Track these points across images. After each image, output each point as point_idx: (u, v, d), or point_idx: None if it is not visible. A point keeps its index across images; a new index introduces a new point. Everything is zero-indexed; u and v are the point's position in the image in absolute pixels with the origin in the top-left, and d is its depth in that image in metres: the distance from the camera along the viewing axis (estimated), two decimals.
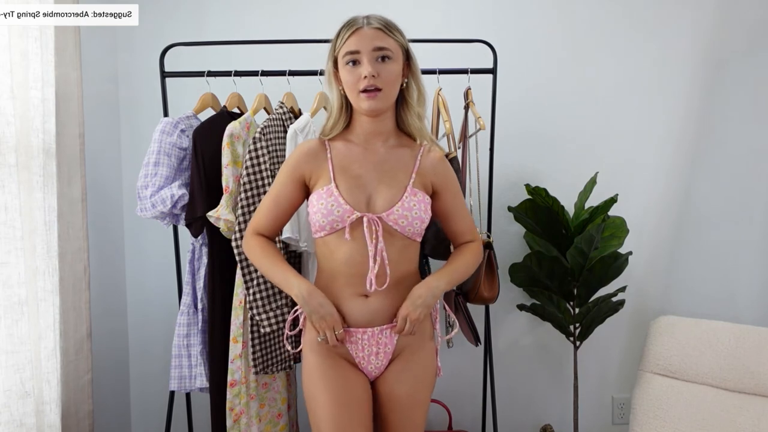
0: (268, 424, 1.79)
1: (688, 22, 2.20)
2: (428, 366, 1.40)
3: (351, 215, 1.28)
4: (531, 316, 2.30)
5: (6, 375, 1.44)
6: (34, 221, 1.51)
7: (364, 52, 1.27)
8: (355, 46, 1.27)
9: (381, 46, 1.27)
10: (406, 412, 1.36)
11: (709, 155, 2.24)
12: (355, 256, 1.30)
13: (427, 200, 1.35)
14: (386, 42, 1.28)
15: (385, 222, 1.30)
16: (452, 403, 2.21)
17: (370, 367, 1.37)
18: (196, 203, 1.69)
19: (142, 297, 2.30)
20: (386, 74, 1.28)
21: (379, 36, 1.27)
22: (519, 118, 2.21)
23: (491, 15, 2.22)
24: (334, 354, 1.36)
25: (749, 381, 1.85)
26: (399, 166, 1.36)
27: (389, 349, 1.36)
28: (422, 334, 1.39)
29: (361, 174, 1.33)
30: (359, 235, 1.29)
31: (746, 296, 2.28)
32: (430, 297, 1.33)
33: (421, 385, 1.38)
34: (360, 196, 1.31)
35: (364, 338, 1.34)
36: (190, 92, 1.89)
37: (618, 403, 2.36)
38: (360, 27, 1.27)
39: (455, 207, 1.44)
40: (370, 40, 1.26)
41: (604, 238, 2.04)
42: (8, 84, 1.41)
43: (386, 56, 1.28)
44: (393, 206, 1.30)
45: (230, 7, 2.21)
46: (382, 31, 1.27)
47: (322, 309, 1.30)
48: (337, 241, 1.31)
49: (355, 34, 1.27)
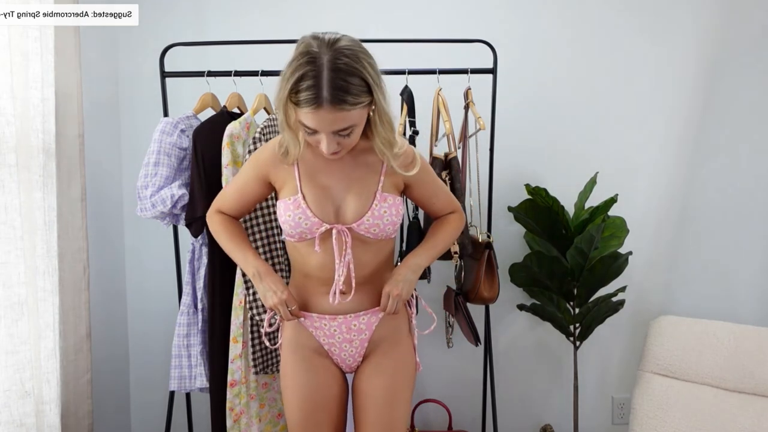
0: (268, 424, 1.79)
1: (689, 22, 2.20)
2: (406, 361, 1.39)
3: (320, 227, 1.26)
4: (531, 316, 2.30)
5: (6, 375, 1.44)
6: (33, 221, 1.51)
7: (324, 132, 1.13)
8: (312, 125, 1.12)
9: (341, 128, 1.13)
10: (385, 407, 1.34)
11: (709, 155, 2.24)
12: (326, 263, 1.30)
13: (398, 201, 1.31)
14: (347, 120, 1.11)
15: (355, 232, 1.28)
16: (452, 403, 2.21)
17: (344, 355, 1.38)
18: (196, 203, 1.69)
19: (142, 297, 2.30)
20: (348, 142, 1.18)
21: (339, 118, 1.10)
22: (519, 118, 2.21)
23: (491, 15, 2.22)
24: (309, 351, 1.37)
25: (749, 381, 1.86)
26: (366, 171, 1.30)
27: (365, 336, 1.36)
28: (399, 328, 1.39)
29: (329, 184, 1.29)
30: (330, 246, 1.28)
31: (746, 296, 2.28)
32: (410, 273, 1.34)
33: (400, 380, 1.37)
34: (328, 207, 1.28)
35: (334, 324, 1.34)
36: (190, 92, 1.89)
37: (618, 403, 2.36)
38: (319, 105, 1.08)
39: (430, 190, 1.41)
40: (330, 123, 1.11)
41: (604, 238, 2.04)
42: (8, 84, 1.41)
43: (348, 133, 1.15)
44: (363, 216, 1.27)
45: (230, 7, 2.21)
46: (342, 110, 1.09)
47: (273, 285, 1.31)
48: (309, 249, 1.30)
49: (313, 113, 1.09)
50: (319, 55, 1.07)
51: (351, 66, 1.08)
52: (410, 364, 1.40)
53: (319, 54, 1.07)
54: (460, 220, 1.47)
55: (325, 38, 1.10)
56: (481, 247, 1.84)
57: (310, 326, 1.36)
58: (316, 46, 1.08)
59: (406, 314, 1.43)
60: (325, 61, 1.07)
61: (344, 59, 1.08)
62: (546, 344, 2.34)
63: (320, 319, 1.34)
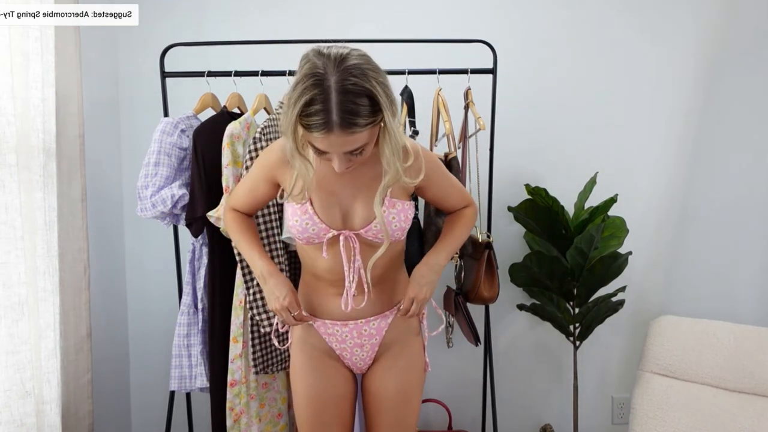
0: (268, 424, 1.79)
1: (689, 22, 2.20)
2: (416, 361, 1.40)
3: (327, 233, 1.26)
4: (531, 316, 2.30)
5: (6, 375, 1.44)
6: (34, 221, 1.51)
7: (335, 153, 1.10)
8: (324, 148, 1.09)
9: (352, 149, 1.10)
10: (397, 408, 1.36)
11: (709, 155, 2.24)
12: (335, 267, 1.30)
13: (407, 206, 1.29)
14: (358, 141, 1.08)
15: (363, 237, 1.27)
16: (452, 403, 2.22)
17: (355, 359, 1.38)
18: (196, 203, 1.69)
19: (142, 297, 2.30)
20: (361, 159, 1.16)
21: (350, 141, 1.06)
22: (519, 118, 2.21)
23: (491, 15, 2.22)
24: (318, 351, 1.37)
25: (749, 381, 1.86)
26: (375, 177, 1.26)
27: (376, 341, 1.36)
28: (409, 329, 1.39)
29: (336, 190, 1.27)
30: (338, 251, 1.27)
31: (746, 296, 2.28)
32: (433, 274, 1.33)
33: (411, 381, 1.38)
34: (336, 213, 1.27)
35: (345, 330, 1.34)
36: (190, 92, 1.89)
37: (618, 403, 2.36)
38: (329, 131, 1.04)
39: (443, 189, 1.40)
40: (341, 146, 1.07)
41: (604, 238, 2.04)
42: (9, 84, 1.41)
43: (360, 152, 1.12)
44: (371, 222, 1.26)
45: (230, 7, 2.21)
46: (353, 134, 1.05)
47: (277, 290, 1.29)
48: (317, 253, 1.30)
49: (324, 137, 1.05)
50: (325, 76, 1.02)
51: (360, 86, 1.02)
52: (420, 365, 1.41)
53: (326, 75, 1.02)
54: (474, 213, 1.46)
55: (331, 56, 1.03)
56: (481, 247, 1.84)
57: (323, 333, 1.36)
58: (321, 66, 1.02)
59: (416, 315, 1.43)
60: (332, 82, 1.01)
61: (352, 79, 1.02)
62: (546, 344, 2.34)
63: (332, 325, 1.34)
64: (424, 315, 1.45)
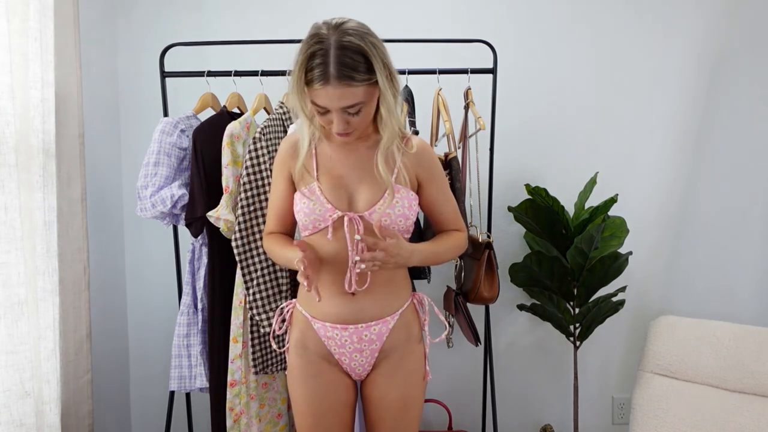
0: (268, 424, 1.79)
1: (689, 22, 2.20)
2: (418, 369, 1.39)
3: (332, 214, 1.28)
4: (531, 316, 2.29)
5: (6, 375, 1.44)
6: (33, 221, 1.51)
7: (333, 109, 1.20)
8: (322, 102, 1.19)
9: (349, 105, 1.18)
10: (398, 416, 1.36)
11: (709, 155, 2.24)
12: (339, 252, 1.30)
13: (412, 196, 1.33)
14: (354, 96, 1.18)
15: (367, 221, 1.29)
16: (452, 403, 2.21)
17: (354, 365, 1.37)
18: (196, 203, 1.69)
19: (142, 297, 2.30)
20: (358, 122, 1.24)
21: (346, 94, 1.17)
22: (519, 118, 2.21)
23: (491, 15, 2.21)
24: (317, 356, 1.36)
25: (749, 381, 1.86)
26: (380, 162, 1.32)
27: (376, 347, 1.35)
28: (410, 336, 1.38)
29: (342, 174, 1.33)
30: (342, 236, 1.29)
31: (746, 296, 2.28)
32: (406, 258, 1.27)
33: (412, 389, 1.37)
34: (342, 195, 1.31)
35: (345, 334, 1.33)
36: (190, 92, 1.89)
37: (618, 403, 2.36)
38: (326, 81, 1.15)
39: (442, 194, 1.41)
40: (338, 99, 1.17)
41: (604, 238, 2.04)
42: (8, 84, 1.41)
43: (356, 111, 1.21)
44: (374, 205, 1.29)
45: (230, 7, 2.21)
46: (349, 87, 1.16)
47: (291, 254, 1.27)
48: (322, 242, 1.31)
49: (322, 89, 1.16)
50: (327, 36, 1.16)
51: (355, 44, 1.16)
52: (420, 374, 1.40)
53: (327, 35, 1.16)
54: (465, 240, 1.46)
55: (333, 21, 1.19)
56: (481, 247, 1.84)
57: (322, 335, 1.36)
58: (324, 29, 1.18)
59: (418, 321, 1.42)
60: (332, 40, 1.16)
61: (349, 38, 1.16)
62: (546, 344, 2.34)
63: (332, 328, 1.33)
64: (425, 321, 1.43)
